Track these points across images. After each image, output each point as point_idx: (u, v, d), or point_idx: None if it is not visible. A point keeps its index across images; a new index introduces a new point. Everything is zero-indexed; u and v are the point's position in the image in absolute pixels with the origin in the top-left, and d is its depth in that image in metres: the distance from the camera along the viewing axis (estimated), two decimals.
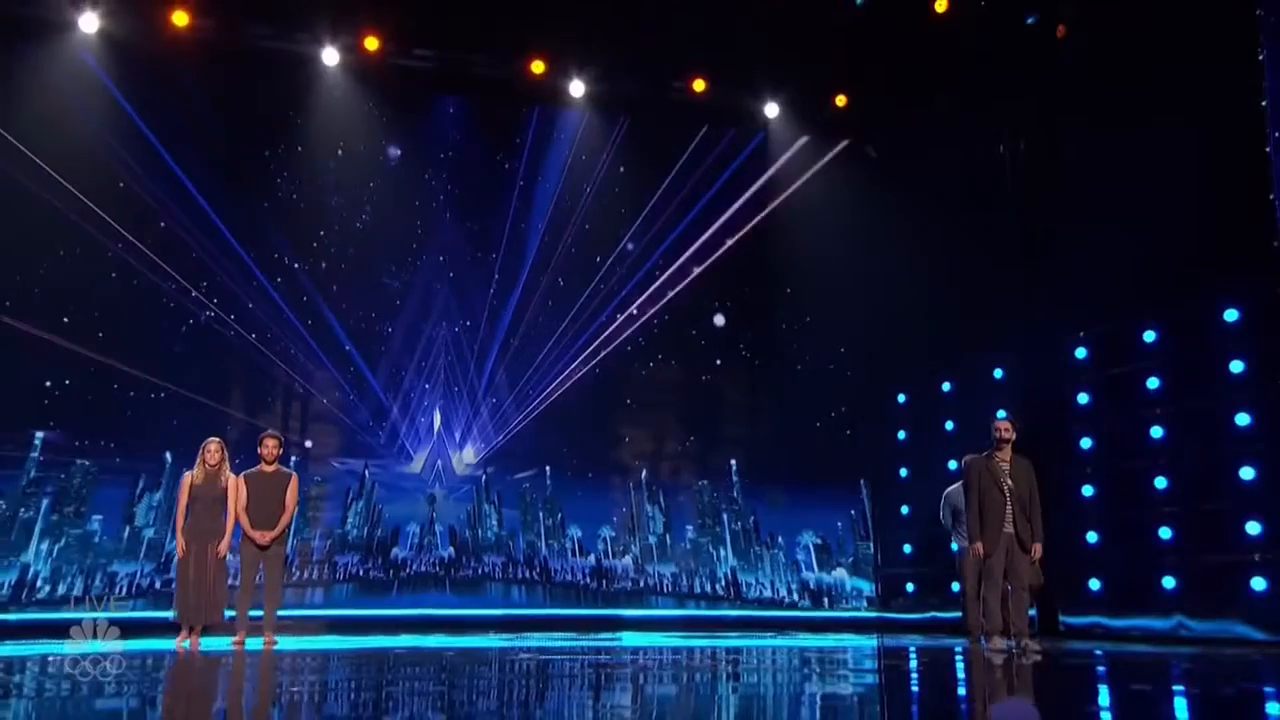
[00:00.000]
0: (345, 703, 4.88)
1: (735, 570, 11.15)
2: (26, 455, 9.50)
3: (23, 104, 9.59)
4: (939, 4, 10.05)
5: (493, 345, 10.91)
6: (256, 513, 8.05)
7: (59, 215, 9.48)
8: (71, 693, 4.91)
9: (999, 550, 7.77)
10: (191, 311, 10.04)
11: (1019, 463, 7.97)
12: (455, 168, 11.04)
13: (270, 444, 8.19)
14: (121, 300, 9.84)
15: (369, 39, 10.29)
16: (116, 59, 9.88)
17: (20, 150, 9.44)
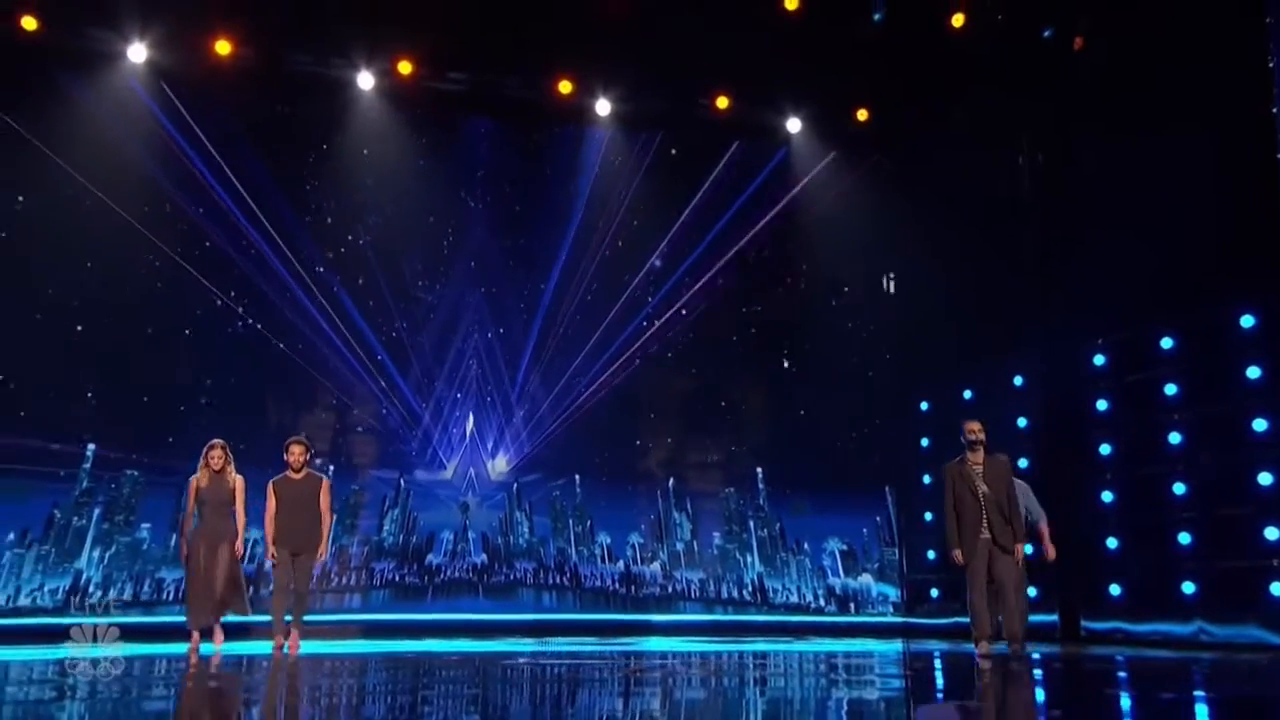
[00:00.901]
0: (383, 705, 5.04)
1: (762, 576, 11.23)
2: (79, 466, 9.81)
3: (76, 130, 9.92)
4: (956, 19, 10.12)
5: (523, 356, 11.10)
6: (288, 519, 7.96)
7: (109, 235, 9.83)
8: (91, 694, 5.11)
9: (978, 556, 7.49)
10: (235, 327, 10.32)
11: (993, 464, 7.69)
12: (486, 185, 11.26)
13: (296, 450, 8.11)
14: (168, 316, 10.15)
15: (403, 63, 10.54)
16: (162, 87, 10.20)
17: (74, 174, 9.79)
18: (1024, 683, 6.12)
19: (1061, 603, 9.57)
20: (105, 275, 9.97)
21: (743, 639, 10.14)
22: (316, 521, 8.06)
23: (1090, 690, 5.87)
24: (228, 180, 10.33)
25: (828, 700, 5.21)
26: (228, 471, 7.97)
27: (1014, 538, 7.54)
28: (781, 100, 11.14)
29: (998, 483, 7.59)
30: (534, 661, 7.25)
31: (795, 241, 11.69)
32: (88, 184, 9.80)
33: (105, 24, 9.85)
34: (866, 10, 10.11)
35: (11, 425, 9.54)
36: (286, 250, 10.47)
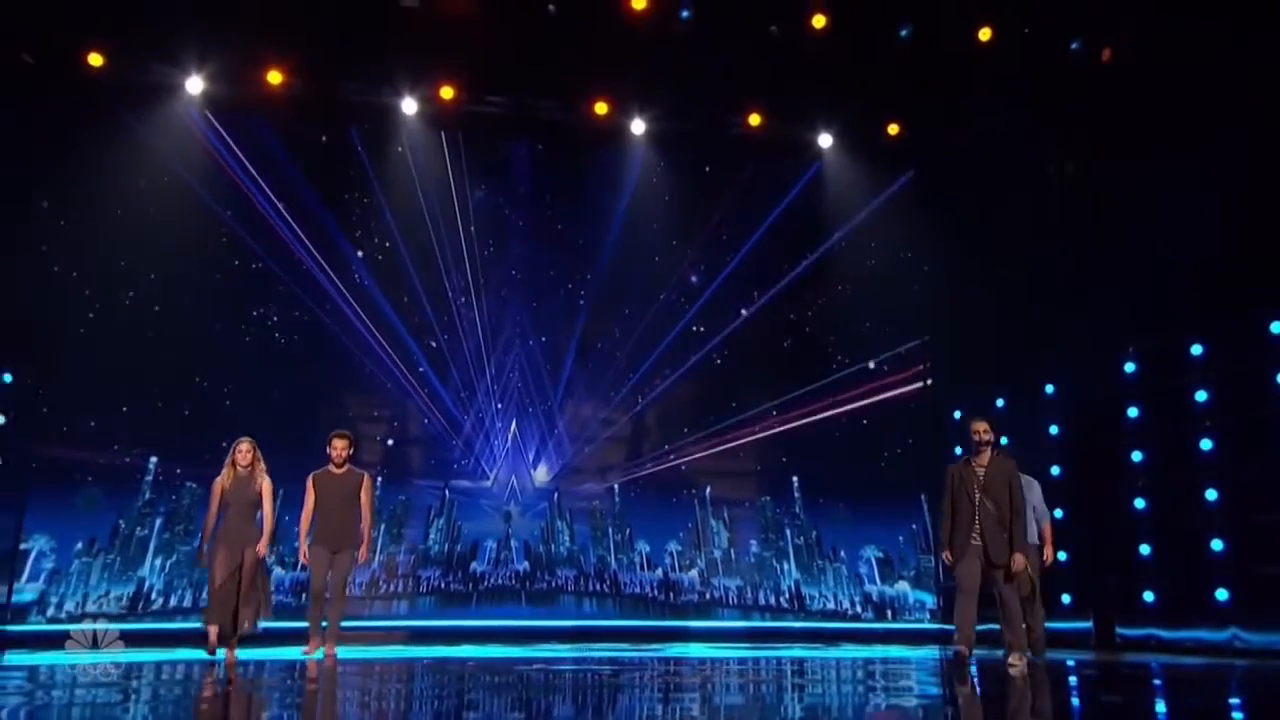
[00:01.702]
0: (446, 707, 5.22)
1: (799, 583, 11.27)
2: (142, 479, 10.18)
3: (138, 157, 10.34)
4: (983, 33, 10.15)
5: (563, 369, 11.29)
6: (326, 516, 7.59)
7: (170, 256, 10.24)
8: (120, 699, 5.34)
9: (965, 562, 7.05)
10: (286, 343, 10.65)
11: (997, 468, 7.21)
12: (526, 202, 11.49)
13: (339, 444, 7.71)
14: (223, 335, 10.48)
15: (445, 89, 10.82)
16: (218, 116, 10.61)
17: (136, 199, 10.25)
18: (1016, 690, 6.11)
19: (1096, 609, 9.51)
20: (166, 294, 10.33)
21: (779, 645, 10.20)
22: (356, 519, 7.69)
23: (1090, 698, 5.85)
24: (278, 202, 10.67)
25: (864, 706, 5.30)
26: (256, 471, 7.48)
27: (1010, 547, 7.05)
28: (812, 116, 11.22)
29: (999, 487, 7.14)
30: (577, 667, 7.35)
31: (829, 254, 11.75)
32: (149, 207, 10.23)
33: (165, 59, 10.25)
34: (893, 26, 10.15)
35: (82, 440, 9.96)
36: (333, 268, 10.78)
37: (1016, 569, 7.07)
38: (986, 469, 7.19)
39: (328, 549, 7.61)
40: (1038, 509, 7.85)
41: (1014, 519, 7.12)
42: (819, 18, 10.05)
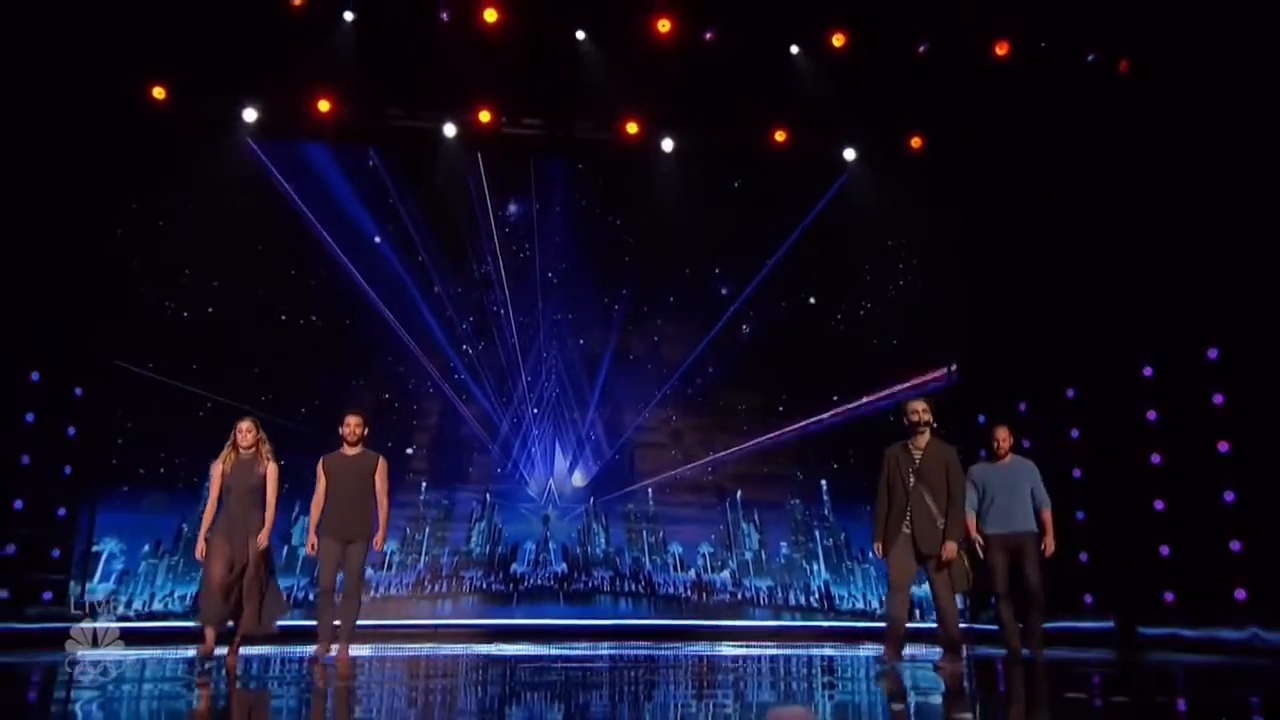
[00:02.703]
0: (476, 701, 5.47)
1: (828, 584, 11.38)
2: (203, 484, 10.60)
3: (200, 182, 10.80)
4: (1000, 47, 10.22)
5: (598, 377, 11.55)
6: (338, 503, 6.81)
7: (228, 273, 10.69)
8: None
9: (897, 553, 6.64)
10: (338, 355, 11.03)
11: (934, 452, 6.75)
12: (562, 218, 11.76)
13: (352, 422, 6.97)
14: (273, 351, 10.87)
15: (483, 112, 11.15)
16: (271, 142, 11.06)
17: (197, 219, 10.74)
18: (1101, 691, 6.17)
19: (1117, 609, 9.50)
20: (227, 307, 10.75)
21: (810, 644, 10.30)
22: (371, 506, 6.93)
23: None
24: (328, 223, 11.09)
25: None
26: (260, 454, 6.74)
27: (942, 536, 6.60)
28: (836, 131, 11.33)
29: (935, 473, 6.69)
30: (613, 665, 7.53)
31: (854, 264, 11.88)
32: (209, 227, 10.71)
33: (222, 91, 10.71)
34: (912, 41, 10.27)
35: (147, 448, 10.43)
36: (379, 283, 11.17)
37: (947, 557, 6.64)
38: (923, 452, 6.75)
39: (339, 540, 6.82)
40: (1037, 495, 7.47)
41: (950, 507, 6.67)
42: (838, 36, 10.21)
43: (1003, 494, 7.41)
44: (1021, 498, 7.42)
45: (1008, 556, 7.29)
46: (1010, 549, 7.29)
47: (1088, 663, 7.83)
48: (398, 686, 6.11)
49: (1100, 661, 8.07)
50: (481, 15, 9.92)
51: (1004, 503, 7.38)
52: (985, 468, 7.59)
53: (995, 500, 7.40)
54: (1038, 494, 7.46)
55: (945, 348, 11.42)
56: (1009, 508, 7.37)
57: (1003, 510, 7.37)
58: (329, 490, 6.92)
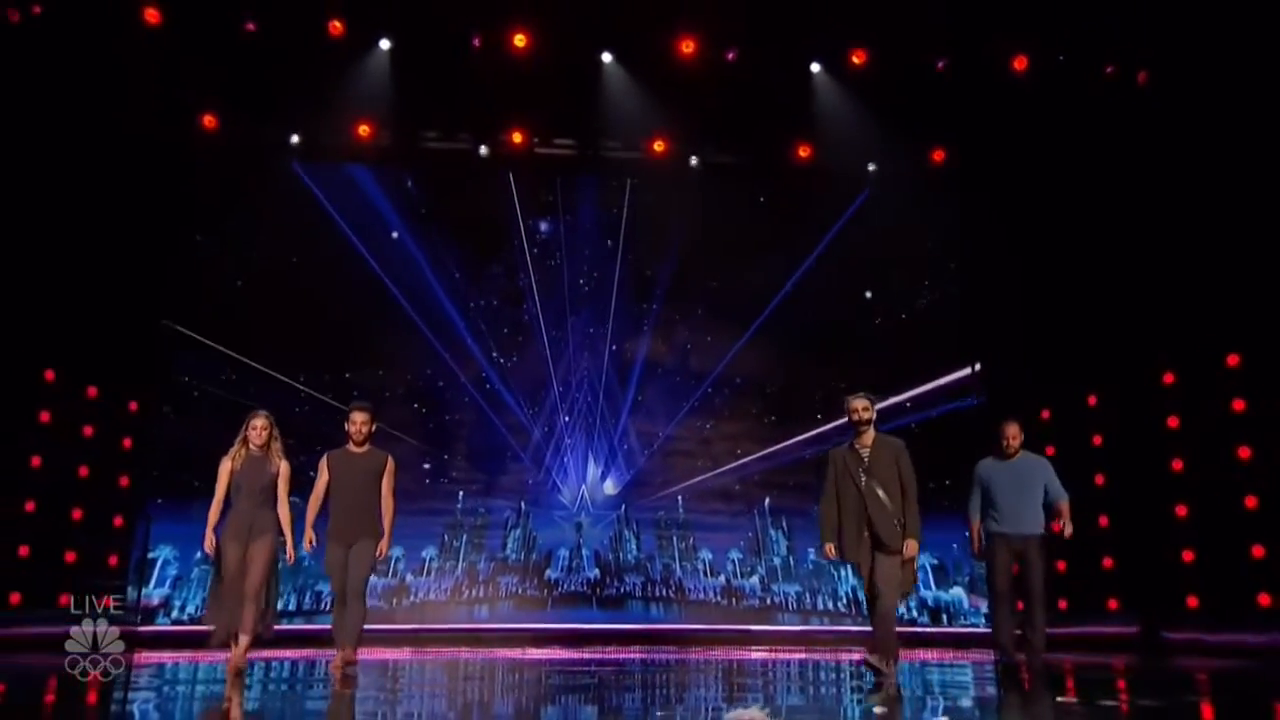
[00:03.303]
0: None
1: (855, 589, 11.42)
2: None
3: (249, 209, 11.17)
4: (1018, 62, 10.26)
5: (629, 387, 11.71)
6: (343, 504, 6.44)
7: (276, 289, 10.97)
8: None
9: (865, 557, 6.29)
10: (376, 371, 11.30)
11: (883, 448, 6.43)
12: (592, 234, 11.92)
13: (358, 418, 6.56)
14: (313, 364, 11.13)
15: (515, 133, 11.41)
16: (316, 166, 11.38)
17: (248, 239, 11.09)
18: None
19: (1141, 614, 9.48)
20: (271, 321, 10.96)
21: (839, 649, 10.34)
22: (377, 507, 6.53)
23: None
24: (369, 242, 11.37)
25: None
26: (272, 451, 6.38)
27: (901, 534, 6.27)
28: (859, 146, 11.38)
29: (885, 470, 6.39)
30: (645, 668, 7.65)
31: (879, 275, 11.92)
32: (259, 247, 11.07)
33: (270, 119, 11.06)
34: (931, 56, 10.35)
35: (199, 461, 10.70)
36: (416, 298, 11.41)
37: (909, 554, 6.26)
38: (871, 450, 6.45)
39: (343, 543, 6.46)
40: (1052, 490, 7.14)
41: (907, 502, 6.34)
42: (858, 54, 10.33)
43: (1010, 493, 7.03)
44: (1031, 498, 7.01)
45: (1011, 558, 7.03)
46: (1015, 551, 7.01)
47: (1111, 668, 7.84)
48: (437, 689, 6.30)
49: (1125, 667, 8.08)
50: (512, 40, 10.15)
51: (1011, 503, 7.01)
52: (992, 465, 7.20)
53: (1002, 500, 7.04)
54: (1053, 489, 7.09)
55: (969, 357, 11.43)
56: (1017, 508, 7.00)
57: (1009, 511, 7.01)
58: (333, 491, 6.51)
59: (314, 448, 7.38)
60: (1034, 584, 6.97)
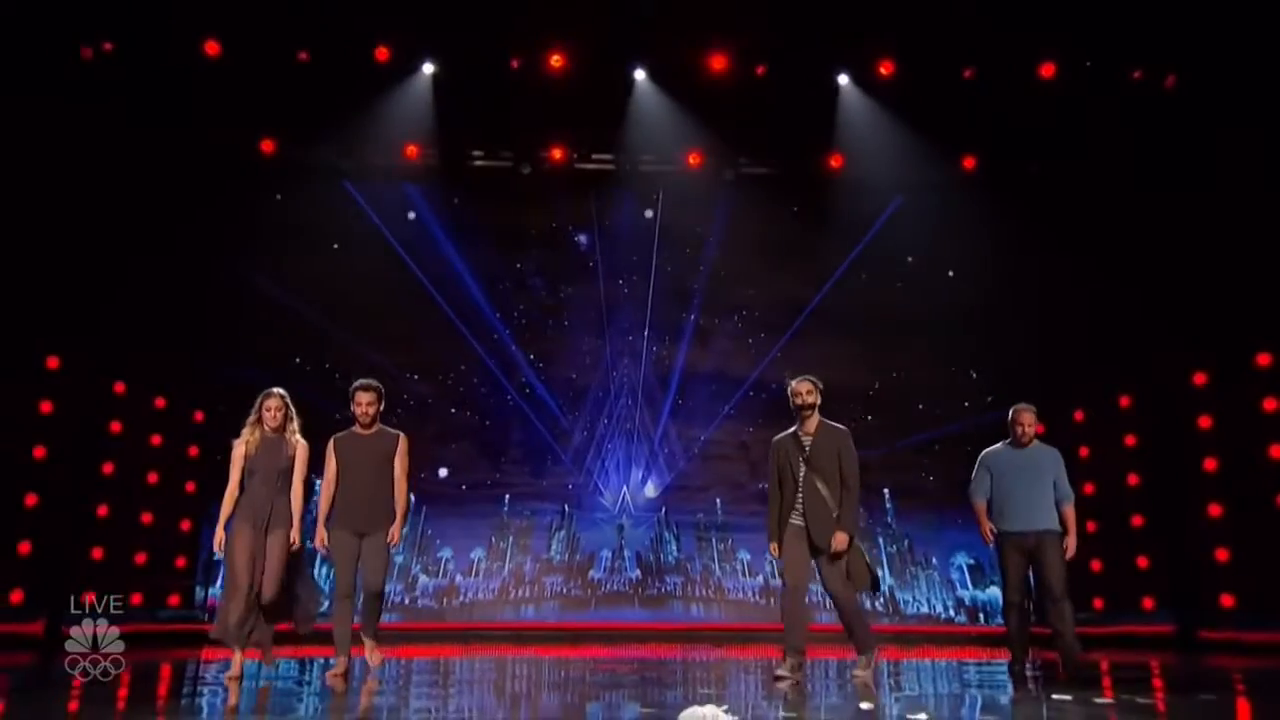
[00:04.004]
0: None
1: (893, 589, 11.41)
2: (311, 497, 11.22)
3: (303, 228, 11.52)
4: (1045, 69, 10.20)
5: (668, 393, 11.84)
6: (351, 488, 5.82)
7: (332, 299, 11.29)
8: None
9: (789, 550, 5.90)
10: (424, 384, 11.57)
11: (826, 436, 6.00)
12: (631, 244, 12.04)
13: (364, 399, 5.90)
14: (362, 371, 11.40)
15: (555, 150, 11.63)
16: (367, 185, 11.71)
17: (303, 255, 11.42)
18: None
19: (1177, 613, 9.35)
20: (321, 336, 11.33)
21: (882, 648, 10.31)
22: (389, 492, 5.88)
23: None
24: (418, 257, 11.67)
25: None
26: (288, 433, 5.86)
27: (838, 524, 5.83)
28: (890, 155, 11.37)
29: (826, 459, 5.92)
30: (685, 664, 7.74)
31: (910, 278, 11.90)
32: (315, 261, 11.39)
33: (323, 141, 11.40)
34: (958, 65, 10.33)
35: None
36: (463, 309, 11.68)
37: (838, 548, 5.84)
38: (814, 438, 6.01)
39: (353, 532, 5.80)
40: (1059, 487, 6.33)
41: (844, 495, 5.91)
42: (885, 65, 10.35)
43: (1022, 485, 6.25)
44: (1044, 490, 6.24)
45: (1024, 558, 6.24)
46: (1028, 549, 6.21)
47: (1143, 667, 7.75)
48: (487, 685, 6.39)
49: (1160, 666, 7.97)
50: (549, 61, 10.37)
51: (1023, 496, 6.23)
52: (1003, 453, 6.44)
53: (1013, 492, 6.26)
54: (1060, 486, 6.30)
55: (1004, 361, 11.35)
56: (1029, 502, 6.21)
57: (1021, 504, 6.23)
58: (340, 477, 5.89)
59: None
60: (1053, 584, 6.10)
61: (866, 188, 11.72)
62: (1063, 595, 6.14)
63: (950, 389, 11.71)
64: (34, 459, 8.92)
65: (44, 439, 9.03)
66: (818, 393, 6.15)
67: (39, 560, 8.77)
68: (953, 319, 11.64)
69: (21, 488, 8.81)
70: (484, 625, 10.97)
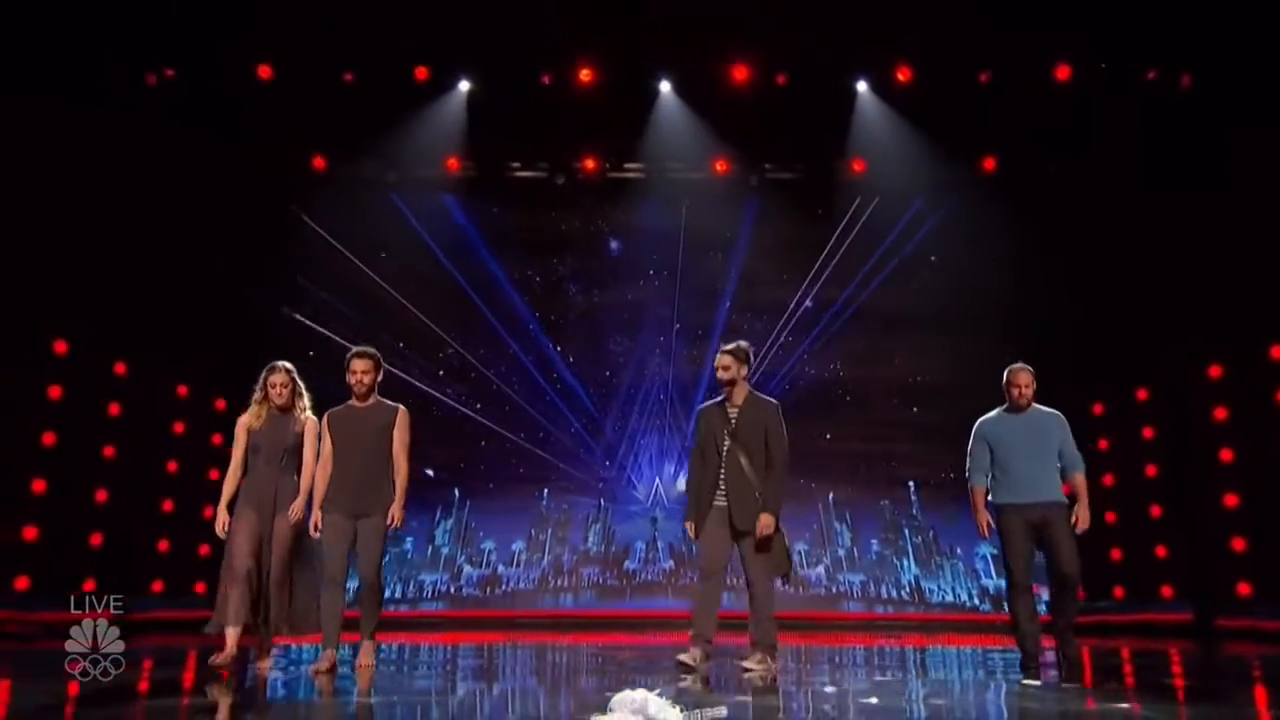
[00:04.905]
0: None
1: (918, 578, 11.44)
2: None
3: (353, 234, 11.84)
4: (1060, 71, 10.16)
5: (698, 390, 11.97)
6: (346, 466, 5.28)
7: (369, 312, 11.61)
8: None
9: (708, 531, 5.47)
10: (469, 385, 11.84)
11: (754, 409, 5.47)
12: (663, 247, 12.16)
13: (359, 368, 5.36)
14: (417, 373, 11.75)
15: (588, 160, 11.85)
16: (411, 197, 12.03)
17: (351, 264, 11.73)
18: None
19: (1195, 601, 9.27)
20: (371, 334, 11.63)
21: (903, 634, 10.38)
22: (387, 470, 5.34)
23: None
24: (460, 266, 11.96)
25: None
26: (296, 409, 5.51)
27: (761, 506, 5.37)
28: (910, 158, 11.39)
29: (753, 434, 5.41)
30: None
31: (936, 280, 11.89)
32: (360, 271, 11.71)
33: (371, 156, 11.74)
34: (974, 70, 10.33)
35: None
36: (503, 314, 11.95)
37: (763, 532, 5.40)
38: (740, 410, 5.48)
39: (347, 514, 5.27)
40: (1066, 454, 5.67)
41: (770, 474, 5.43)
42: (903, 71, 10.40)
43: (1022, 455, 5.56)
44: (1048, 460, 5.57)
45: (1031, 535, 5.52)
46: (1034, 524, 5.48)
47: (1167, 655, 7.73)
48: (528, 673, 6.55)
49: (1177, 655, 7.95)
50: (578, 75, 10.58)
51: (1025, 467, 5.53)
52: (1000, 420, 5.75)
53: (1013, 462, 5.56)
54: (1067, 454, 5.65)
55: (1024, 356, 11.27)
56: (1033, 473, 5.52)
57: (1023, 476, 5.53)
58: (337, 454, 5.34)
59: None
60: (1064, 562, 5.41)
61: (889, 190, 11.78)
62: (1076, 582, 5.49)
63: (972, 385, 11.63)
64: (103, 457, 9.34)
65: (113, 439, 9.46)
66: (740, 364, 5.54)
67: (110, 552, 9.19)
68: (975, 317, 11.63)
69: (92, 484, 9.23)
70: (525, 613, 11.22)
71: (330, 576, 5.28)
